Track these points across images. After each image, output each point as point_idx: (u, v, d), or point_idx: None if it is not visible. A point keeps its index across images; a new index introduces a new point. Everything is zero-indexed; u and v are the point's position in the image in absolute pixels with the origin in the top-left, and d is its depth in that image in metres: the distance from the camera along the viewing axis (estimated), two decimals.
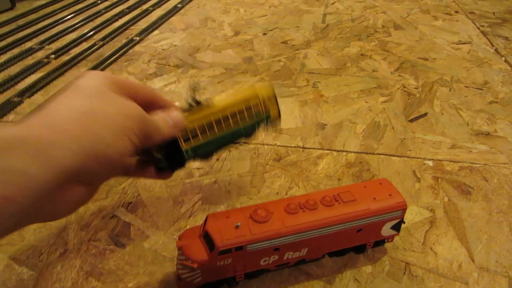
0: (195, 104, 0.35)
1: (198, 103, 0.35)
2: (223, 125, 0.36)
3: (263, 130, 0.40)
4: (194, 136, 0.35)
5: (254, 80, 0.66)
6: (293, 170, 0.46)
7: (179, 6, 1.04)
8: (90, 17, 0.96)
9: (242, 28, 0.88)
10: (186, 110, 0.35)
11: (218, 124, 0.36)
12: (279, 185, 0.44)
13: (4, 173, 0.20)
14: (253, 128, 0.39)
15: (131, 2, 1.07)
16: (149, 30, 0.88)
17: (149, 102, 0.32)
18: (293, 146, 0.50)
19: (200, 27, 0.89)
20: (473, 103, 0.59)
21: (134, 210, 0.41)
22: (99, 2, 1.08)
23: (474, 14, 0.95)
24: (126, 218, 0.40)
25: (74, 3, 1.07)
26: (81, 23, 0.92)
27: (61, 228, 0.39)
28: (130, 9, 1.02)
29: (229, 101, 0.36)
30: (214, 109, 0.35)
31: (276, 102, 0.39)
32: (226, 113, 0.36)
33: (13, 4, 1.04)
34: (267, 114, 0.39)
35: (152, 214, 0.41)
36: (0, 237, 0.23)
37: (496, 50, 0.76)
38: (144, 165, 0.34)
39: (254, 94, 0.37)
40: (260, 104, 0.38)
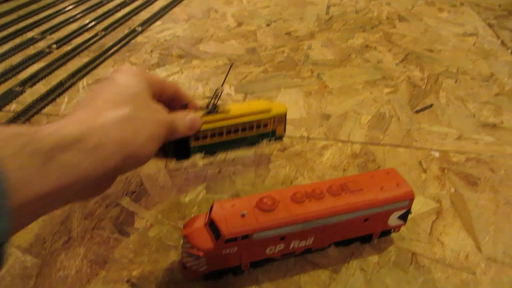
0: (213, 109, 0.38)
1: (215, 108, 0.38)
2: (232, 133, 0.40)
3: (266, 142, 0.44)
4: (204, 137, 0.39)
5: (258, 70, 0.65)
6: (298, 160, 0.46)
7: None
8: (91, 7, 0.95)
9: (245, 19, 0.87)
10: (202, 109, 0.38)
11: (228, 131, 0.40)
12: (284, 175, 0.44)
13: (64, 166, 0.24)
14: (258, 138, 0.43)
15: None
16: (151, 20, 0.87)
17: (173, 97, 0.37)
18: (297, 136, 0.50)
19: (203, 18, 0.88)
20: (479, 95, 0.58)
21: (138, 199, 0.41)
22: None
23: (480, 7, 0.94)
24: (130, 207, 0.40)
25: None
26: (82, 14, 0.92)
27: (64, 216, 0.39)
28: None
29: (243, 111, 0.40)
30: (228, 116, 0.39)
31: (285, 121, 0.43)
32: (237, 123, 0.40)
33: None
34: (274, 130, 0.43)
35: (156, 203, 0.41)
36: (48, 212, 0.28)
37: (502, 42, 0.75)
38: None
39: (268, 109, 0.41)
40: (270, 121, 0.42)
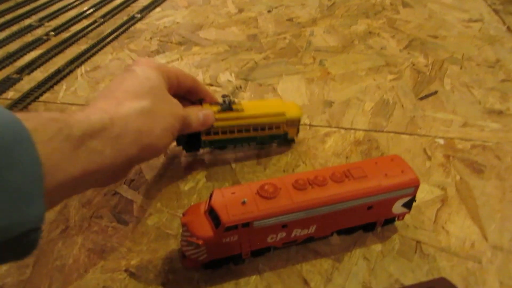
0: (228, 106, 0.39)
1: (230, 105, 0.39)
2: (243, 132, 0.41)
3: (276, 143, 0.45)
4: (216, 133, 0.40)
5: (259, 57, 0.64)
6: (299, 147, 0.45)
7: None
8: None
9: (246, 5, 0.85)
10: (217, 104, 0.40)
11: (239, 130, 0.41)
12: (286, 162, 0.43)
13: (90, 153, 0.25)
14: (269, 139, 0.43)
15: None
16: (150, 7, 0.86)
17: (190, 90, 0.38)
18: (300, 124, 0.48)
19: (203, 5, 0.87)
20: (484, 81, 0.57)
21: (136, 188, 0.40)
22: None
23: None
24: (128, 195, 0.39)
25: None
26: (81, 0, 0.90)
27: (61, 205, 0.38)
28: None
29: (257, 112, 0.40)
30: (241, 115, 0.40)
31: (298, 125, 0.43)
32: (250, 122, 0.40)
33: None
34: (286, 132, 0.43)
35: (155, 191, 0.40)
36: (68, 198, 0.32)
37: (508, 28, 0.74)
38: None
39: (282, 111, 0.41)
40: (283, 123, 0.42)
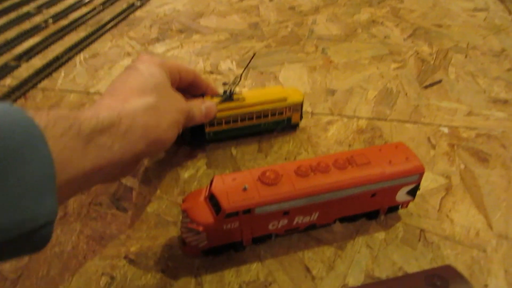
0: (229, 96, 0.39)
1: (231, 96, 0.40)
2: (246, 120, 0.41)
3: (281, 129, 0.44)
4: (219, 123, 0.40)
5: (261, 45, 0.63)
6: (301, 135, 0.44)
7: None
8: None
9: None
10: (219, 95, 0.40)
11: (242, 119, 0.41)
12: (287, 150, 0.42)
13: (100, 149, 0.26)
14: (273, 126, 0.43)
15: None
16: None
17: (191, 83, 0.39)
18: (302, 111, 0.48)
19: None
20: (490, 70, 0.56)
21: (135, 174, 0.40)
22: None
23: None
24: (127, 182, 0.39)
25: None
26: None
27: None
28: None
29: (257, 100, 0.40)
30: (242, 104, 0.40)
31: (301, 108, 0.43)
32: (252, 110, 0.40)
33: None
34: (289, 117, 0.43)
35: (154, 178, 0.39)
36: (77, 194, 0.32)
37: None
38: None
39: (283, 97, 0.41)
40: (286, 109, 0.42)
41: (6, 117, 0.20)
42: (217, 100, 0.39)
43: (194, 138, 0.42)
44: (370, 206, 0.33)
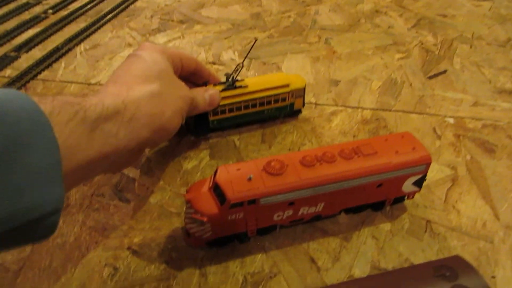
0: (231, 83, 0.39)
1: (233, 83, 0.39)
2: (250, 107, 0.41)
3: (284, 116, 0.44)
4: (222, 111, 0.40)
5: (263, 36, 0.62)
6: (305, 126, 0.44)
7: None
8: None
9: None
10: (221, 83, 0.39)
11: (246, 106, 0.41)
12: (291, 141, 0.42)
13: (105, 136, 0.25)
14: (276, 112, 0.43)
15: None
16: None
17: (194, 72, 0.38)
18: (305, 102, 0.47)
19: None
20: (495, 61, 0.55)
21: (138, 165, 0.39)
22: None
23: None
24: (130, 174, 0.38)
25: None
26: None
27: None
28: None
29: (260, 86, 0.40)
30: (245, 91, 0.40)
31: (303, 94, 0.43)
32: (255, 97, 0.40)
33: None
34: (292, 103, 0.42)
35: (157, 169, 0.39)
36: (83, 182, 0.33)
37: None
38: None
39: (286, 83, 0.41)
40: (288, 95, 0.41)
41: (12, 103, 0.20)
42: (220, 88, 0.39)
43: (198, 127, 0.41)
44: (376, 197, 0.33)
